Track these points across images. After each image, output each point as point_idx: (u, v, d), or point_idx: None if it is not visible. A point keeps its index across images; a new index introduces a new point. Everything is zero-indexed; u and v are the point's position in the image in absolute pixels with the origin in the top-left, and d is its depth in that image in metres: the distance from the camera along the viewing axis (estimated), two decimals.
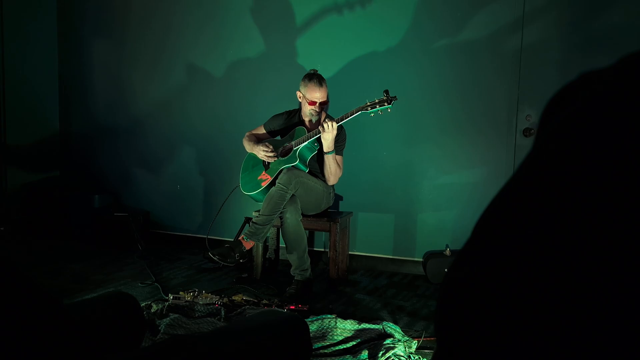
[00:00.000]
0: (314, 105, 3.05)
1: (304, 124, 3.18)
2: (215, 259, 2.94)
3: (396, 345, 2.11)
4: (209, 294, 2.67)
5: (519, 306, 0.28)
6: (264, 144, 3.15)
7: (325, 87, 3.07)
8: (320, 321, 2.31)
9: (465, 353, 0.30)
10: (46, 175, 4.72)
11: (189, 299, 2.60)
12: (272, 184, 3.05)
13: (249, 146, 3.26)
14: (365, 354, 2.09)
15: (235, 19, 4.00)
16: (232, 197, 3.59)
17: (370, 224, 3.65)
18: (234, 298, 2.65)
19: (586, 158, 0.28)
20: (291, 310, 2.54)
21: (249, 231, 3.02)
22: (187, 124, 4.23)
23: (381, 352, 2.06)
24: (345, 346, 2.19)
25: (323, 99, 3.05)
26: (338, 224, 3.13)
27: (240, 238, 3.07)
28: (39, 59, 4.64)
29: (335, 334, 2.26)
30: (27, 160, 4.58)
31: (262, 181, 3.13)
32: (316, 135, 2.99)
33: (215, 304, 2.58)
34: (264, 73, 3.92)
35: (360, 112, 2.90)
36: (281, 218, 2.98)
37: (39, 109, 4.67)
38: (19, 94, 4.47)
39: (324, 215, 3.20)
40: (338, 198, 3.68)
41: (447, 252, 3.35)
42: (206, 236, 3.66)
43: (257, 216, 3.04)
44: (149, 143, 4.40)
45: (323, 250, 3.81)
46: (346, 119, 2.92)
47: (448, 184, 3.44)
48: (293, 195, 2.97)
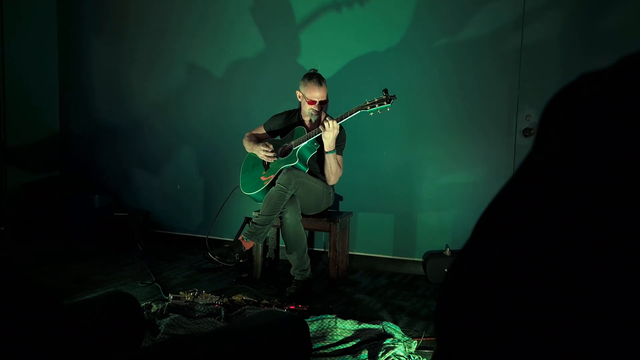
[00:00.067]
0: (313, 104, 3.05)
1: (303, 123, 3.18)
2: (215, 259, 2.94)
3: (396, 345, 2.11)
4: (209, 294, 2.67)
5: (519, 306, 0.28)
6: (264, 143, 3.15)
7: (324, 86, 3.07)
8: (320, 321, 2.31)
9: (465, 353, 0.30)
10: (46, 175, 4.72)
11: (189, 299, 2.60)
12: (272, 184, 3.05)
13: (249, 146, 3.26)
14: (365, 354, 2.09)
15: (235, 19, 4.00)
16: (232, 197, 3.59)
17: (370, 224, 3.65)
18: (234, 298, 2.65)
19: (586, 158, 0.28)
20: (291, 310, 2.54)
21: (249, 231, 3.02)
22: (187, 124, 4.24)
23: (381, 352, 2.06)
24: (345, 346, 2.19)
25: (322, 99, 3.05)
26: (338, 224, 3.13)
27: (240, 238, 3.07)
28: (39, 59, 4.64)
29: (335, 334, 2.26)
30: (27, 160, 4.58)
31: (262, 181, 3.13)
32: (316, 135, 2.99)
33: (215, 304, 2.58)
34: (263, 73, 3.93)
35: (359, 112, 2.90)
36: (281, 218, 2.98)
37: (38, 109, 4.67)
38: (19, 94, 4.47)
39: (324, 215, 3.20)
40: (338, 198, 3.68)
41: (447, 252, 3.35)
42: (206, 236, 3.66)
43: (256, 216, 3.04)
44: (149, 143, 4.40)
45: (323, 250, 3.81)
46: (345, 118, 2.92)
47: (448, 184, 3.44)
48: (293, 195, 2.97)
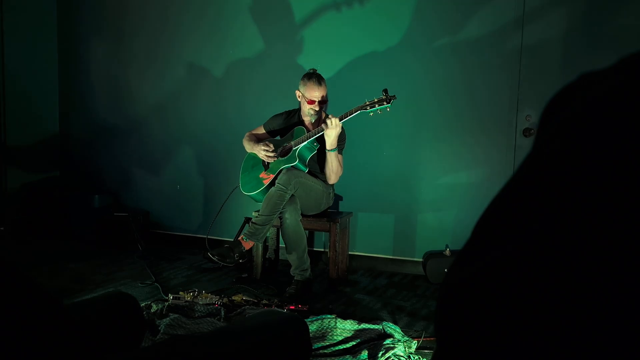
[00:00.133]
0: (312, 104, 3.05)
1: (303, 123, 3.18)
2: (215, 259, 2.94)
3: (396, 346, 2.11)
4: (208, 294, 2.67)
5: (519, 306, 0.28)
6: (264, 143, 3.15)
7: (324, 86, 3.06)
8: (320, 321, 2.31)
9: (465, 353, 0.30)
10: (46, 175, 4.71)
11: (188, 299, 2.60)
12: (271, 184, 3.05)
13: (249, 146, 3.26)
14: (365, 354, 2.09)
15: (234, 19, 4.00)
16: (232, 197, 3.59)
17: (370, 224, 3.65)
18: (233, 298, 2.65)
19: (586, 158, 0.28)
20: (291, 310, 2.54)
21: (249, 231, 3.02)
22: (186, 124, 4.23)
23: (381, 352, 2.06)
24: (345, 346, 2.19)
25: (322, 98, 3.05)
26: (338, 224, 3.12)
27: (239, 238, 3.06)
28: (38, 59, 4.64)
29: (335, 334, 2.26)
30: (27, 161, 4.58)
31: (262, 181, 3.13)
32: (316, 135, 2.99)
33: (215, 304, 2.57)
34: (263, 73, 3.92)
35: (359, 112, 2.90)
36: (281, 218, 2.98)
37: (38, 109, 4.67)
38: (19, 94, 4.47)
39: (324, 215, 3.20)
40: (338, 198, 3.68)
41: (447, 252, 3.35)
42: (206, 236, 3.66)
43: (256, 216, 3.04)
44: (149, 143, 4.40)
45: (323, 250, 3.81)
46: (345, 118, 2.92)
47: (448, 184, 3.44)
48: (292, 195, 2.97)
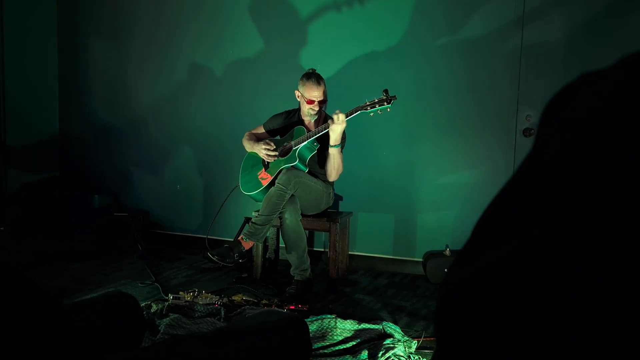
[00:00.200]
0: (312, 104, 3.05)
1: (303, 123, 3.18)
2: (214, 259, 2.94)
3: (396, 345, 2.11)
4: (208, 294, 2.67)
5: (519, 307, 0.28)
6: (265, 142, 3.15)
7: (323, 85, 3.06)
8: (320, 321, 2.31)
9: (465, 353, 0.30)
10: (46, 175, 4.71)
11: (188, 299, 2.60)
12: (271, 183, 3.05)
13: (248, 145, 3.26)
14: (365, 354, 2.09)
15: (234, 19, 4.00)
16: (232, 197, 3.58)
17: (370, 224, 3.65)
18: (233, 298, 2.65)
19: (587, 158, 0.28)
20: (291, 310, 2.54)
21: (248, 231, 3.02)
22: (187, 123, 4.23)
23: (381, 352, 2.06)
24: (345, 346, 2.19)
25: (321, 98, 3.05)
26: (338, 224, 3.12)
27: (239, 238, 3.07)
28: (39, 59, 4.64)
29: (335, 334, 2.26)
30: (27, 161, 4.58)
31: (261, 181, 3.13)
32: (316, 135, 2.99)
33: (215, 304, 2.57)
34: (263, 72, 3.92)
35: (359, 112, 2.90)
36: (280, 218, 2.98)
37: (38, 109, 4.67)
38: (19, 94, 4.47)
39: (324, 215, 3.20)
40: (338, 198, 3.67)
41: (447, 252, 3.35)
42: (206, 236, 3.66)
43: (256, 216, 3.04)
44: (149, 143, 4.40)
45: (323, 250, 3.80)
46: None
47: (448, 184, 3.44)
48: (292, 195, 2.97)
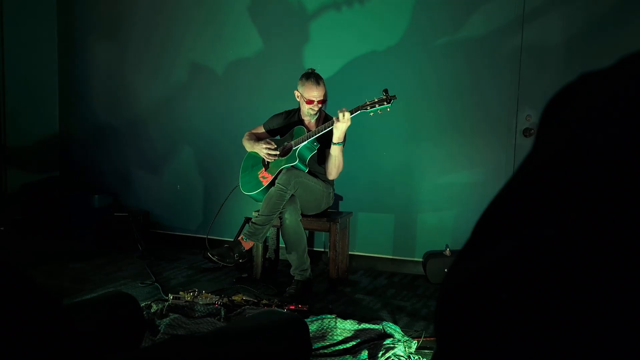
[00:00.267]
0: (311, 104, 3.05)
1: (303, 123, 3.18)
2: (214, 259, 2.94)
3: (396, 345, 2.11)
4: (209, 294, 2.67)
5: (519, 307, 0.28)
6: (266, 141, 3.15)
7: (322, 85, 3.06)
8: (320, 321, 2.31)
9: (465, 353, 0.30)
10: (46, 176, 4.71)
11: (188, 299, 2.60)
12: (271, 183, 3.05)
13: (249, 145, 3.26)
14: (365, 354, 2.09)
15: (234, 19, 4.00)
16: (232, 197, 3.58)
17: (370, 224, 3.65)
18: (233, 298, 2.65)
19: (586, 158, 0.28)
20: (291, 310, 2.54)
21: (248, 231, 3.02)
22: (186, 123, 4.23)
23: (381, 352, 2.06)
24: (345, 346, 2.19)
25: (320, 98, 3.05)
26: (338, 224, 3.12)
27: (239, 238, 3.07)
28: (38, 59, 4.64)
29: (335, 334, 2.26)
30: (27, 161, 4.57)
31: (261, 181, 3.13)
32: (316, 135, 2.99)
33: (215, 304, 2.57)
34: (263, 72, 3.92)
35: (359, 112, 2.90)
36: (280, 218, 2.98)
37: (38, 109, 4.67)
38: (19, 94, 4.47)
39: (324, 215, 3.20)
40: (338, 198, 3.67)
41: (447, 252, 3.35)
42: (206, 236, 3.66)
43: (256, 216, 3.04)
44: (148, 143, 4.40)
45: (323, 250, 3.80)
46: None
47: (448, 184, 3.44)
48: (292, 195, 2.97)
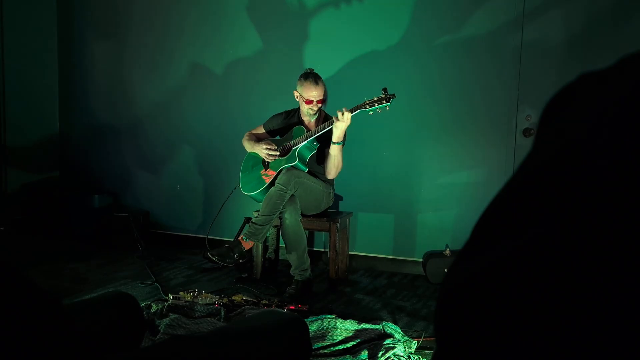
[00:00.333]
0: (310, 104, 3.05)
1: (303, 123, 3.18)
2: (214, 259, 2.94)
3: (396, 346, 2.11)
4: (208, 294, 2.67)
5: (519, 307, 0.28)
6: (266, 142, 3.15)
7: (321, 85, 3.06)
8: (320, 321, 2.31)
9: (465, 353, 0.30)
10: (46, 175, 4.71)
11: (188, 299, 2.60)
12: (272, 183, 3.05)
13: (249, 145, 3.26)
14: (365, 354, 2.09)
15: (234, 18, 4.00)
16: (232, 197, 3.58)
17: (370, 224, 3.65)
18: (233, 298, 2.65)
19: (586, 159, 0.28)
20: (291, 310, 2.54)
21: (248, 231, 3.02)
22: (187, 123, 4.23)
23: (381, 352, 2.06)
24: (345, 346, 2.19)
25: (319, 98, 3.05)
26: (338, 224, 3.12)
27: (239, 238, 3.07)
28: (39, 59, 4.64)
29: (335, 334, 2.26)
30: (27, 161, 4.58)
31: (262, 181, 3.13)
32: (315, 135, 2.99)
33: (215, 304, 2.57)
34: (263, 72, 3.92)
35: (358, 111, 2.89)
36: (280, 218, 2.98)
37: (38, 109, 4.67)
38: (18, 94, 4.47)
39: (324, 215, 3.20)
40: (338, 198, 3.67)
41: (447, 252, 3.35)
42: (206, 236, 3.66)
43: (256, 216, 3.04)
44: (148, 143, 4.40)
45: (323, 250, 3.80)
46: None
47: (448, 184, 3.44)
48: (292, 195, 2.97)
